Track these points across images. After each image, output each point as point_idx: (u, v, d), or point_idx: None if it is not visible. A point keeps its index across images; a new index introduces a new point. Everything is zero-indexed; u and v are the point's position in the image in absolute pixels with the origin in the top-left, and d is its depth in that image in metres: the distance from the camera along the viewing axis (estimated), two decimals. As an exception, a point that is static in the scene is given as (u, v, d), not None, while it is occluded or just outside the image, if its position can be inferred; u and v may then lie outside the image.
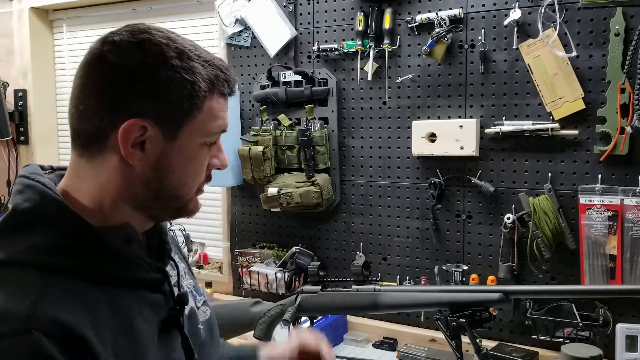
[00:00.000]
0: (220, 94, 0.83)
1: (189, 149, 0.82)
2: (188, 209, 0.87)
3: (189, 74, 0.78)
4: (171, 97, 0.78)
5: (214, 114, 0.82)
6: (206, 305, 1.02)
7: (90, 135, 0.79)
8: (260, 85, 2.27)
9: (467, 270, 1.94)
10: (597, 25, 1.73)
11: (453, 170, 1.97)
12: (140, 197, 0.82)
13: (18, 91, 2.93)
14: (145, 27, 0.80)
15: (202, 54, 0.81)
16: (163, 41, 0.78)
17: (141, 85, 0.77)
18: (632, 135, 1.68)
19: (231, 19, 2.29)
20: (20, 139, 2.97)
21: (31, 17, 2.91)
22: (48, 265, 0.74)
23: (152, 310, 0.83)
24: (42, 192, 0.78)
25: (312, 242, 2.27)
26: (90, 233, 0.77)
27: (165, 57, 0.77)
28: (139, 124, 0.77)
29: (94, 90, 0.78)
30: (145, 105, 0.77)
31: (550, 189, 1.81)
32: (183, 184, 0.83)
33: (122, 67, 0.77)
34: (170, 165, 0.81)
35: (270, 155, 2.19)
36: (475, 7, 1.89)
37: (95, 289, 0.76)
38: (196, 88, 0.79)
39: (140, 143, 0.78)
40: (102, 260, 0.78)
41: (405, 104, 2.04)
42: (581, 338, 1.74)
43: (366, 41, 2.04)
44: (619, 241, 1.70)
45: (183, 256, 1.09)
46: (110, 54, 0.78)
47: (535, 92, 1.81)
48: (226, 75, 0.83)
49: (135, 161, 0.78)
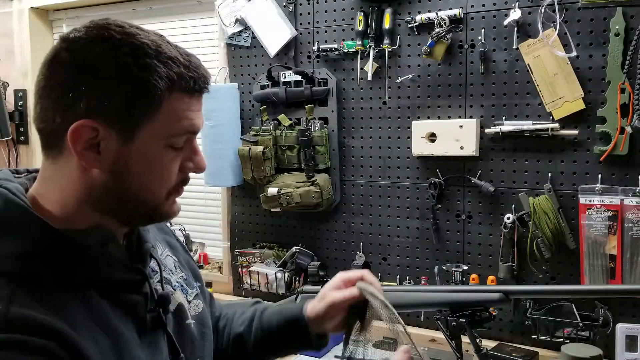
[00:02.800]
0: (183, 92, 0.77)
1: (150, 151, 0.77)
2: (160, 213, 0.83)
3: (142, 71, 0.73)
4: (123, 97, 0.73)
5: (176, 113, 0.77)
6: (199, 297, 0.99)
7: (48, 136, 0.77)
8: (260, 85, 2.27)
9: (467, 270, 1.94)
10: (597, 25, 1.73)
11: (453, 170, 1.97)
12: (104, 202, 0.78)
13: (18, 91, 2.93)
14: (104, 22, 0.76)
15: (163, 50, 0.76)
16: (118, 37, 0.74)
17: (91, 84, 0.73)
18: (632, 135, 1.68)
19: (231, 19, 2.29)
20: (20, 139, 2.97)
21: (31, 17, 2.91)
22: (15, 272, 0.73)
23: (128, 312, 0.81)
24: (6, 199, 0.75)
25: (312, 242, 2.27)
26: (56, 237, 0.75)
27: (117, 55, 0.73)
28: (89, 125, 0.73)
29: (47, 90, 0.76)
30: (95, 105, 0.73)
31: (550, 189, 1.81)
32: (146, 189, 0.79)
33: (73, 65, 0.74)
34: (128, 169, 0.77)
35: (270, 155, 2.19)
36: (475, 7, 1.89)
37: (66, 294, 0.74)
38: (150, 86, 0.74)
39: (95, 145, 0.75)
40: (72, 264, 0.76)
41: (405, 104, 2.04)
42: (581, 338, 1.74)
43: (366, 41, 2.03)
44: (619, 241, 1.70)
45: (183, 247, 1.06)
46: (63, 52, 0.75)
47: (535, 92, 1.81)
48: (193, 72, 0.78)
49: (90, 164, 0.75)
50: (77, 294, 0.75)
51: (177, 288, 0.95)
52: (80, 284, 0.76)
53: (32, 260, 0.74)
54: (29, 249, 0.74)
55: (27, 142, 2.97)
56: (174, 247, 1.04)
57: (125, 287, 0.83)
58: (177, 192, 0.84)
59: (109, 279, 0.80)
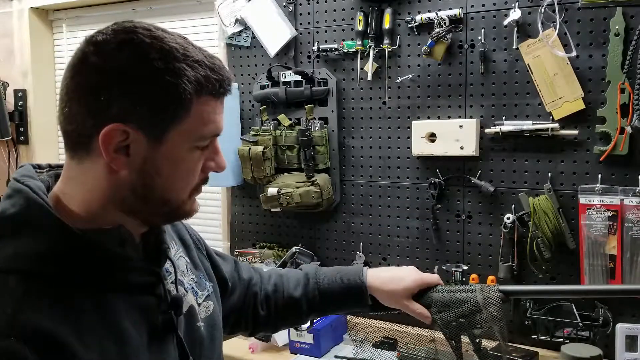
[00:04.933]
0: (210, 95, 0.79)
1: (178, 153, 0.79)
2: (182, 212, 0.85)
3: (172, 76, 0.75)
4: (154, 101, 0.75)
5: (204, 117, 0.79)
6: (209, 299, 1.00)
7: (76, 138, 0.78)
8: (260, 85, 2.27)
9: (467, 270, 1.95)
10: (597, 25, 1.73)
11: (453, 170, 1.97)
12: (128, 202, 0.80)
13: (18, 91, 2.93)
14: (131, 25, 0.77)
15: (190, 54, 0.77)
16: (147, 41, 0.75)
17: (122, 89, 0.74)
18: (632, 135, 1.68)
19: (231, 19, 2.29)
20: (20, 139, 2.97)
21: (31, 17, 2.91)
22: (31, 271, 0.73)
23: (142, 314, 0.82)
24: (28, 197, 0.76)
25: (312, 242, 2.27)
26: (73, 239, 0.76)
27: (148, 59, 0.74)
28: (120, 128, 0.74)
29: (77, 93, 0.76)
30: (127, 109, 0.74)
31: (550, 189, 1.81)
32: (172, 189, 0.81)
33: (103, 69, 0.75)
34: (156, 170, 0.78)
35: (270, 155, 2.19)
36: (475, 7, 1.89)
37: (80, 295, 0.75)
38: (180, 90, 0.75)
39: (125, 148, 0.76)
40: (88, 265, 0.76)
41: (405, 104, 2.04)
42: (581, 338, 1.74)
43: (366, 41, 2.03)
44: (619, 241, 1.70)
45: (196, 244, 1.06)
46: (92, 55, 0.75)
47: (535, 92, 1.81)
48: (218, 75, 0.79)
49: (119, 166, 0.76)
50: (90, 296, 0.76)
51: (189, 290, 0.96)
52: (95, 285, 0.77)
53: (48, 260, 0.74)
54: (46, 249, 0.75)
55: (27, 142, 2.97)
56: (188, 246, 1.04)
57: (139, 289, 0.83)
58: (198, 191, 0.86)
59: (125, 280, 0.81)
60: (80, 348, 0.71)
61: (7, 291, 0.71)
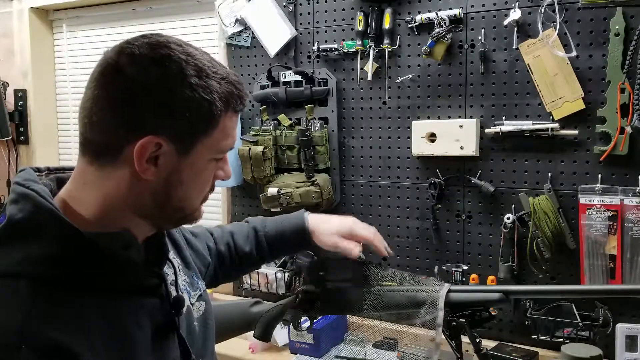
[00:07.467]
0: (233, 111, 0.83)
1: (199, 164, 0.82)
2: (192, 218, 0.89)
3: (207, 92, 0.78)
4: (189, 116, 0.78)
5: (226, 132, 0.83)
6: (201, 299, 1.02)
7: (103, 146, 0.79)
8: (260, 85, 2.27)
9: (467, 270, 1.94)
10: (597, 25, 1.73)
11: (453, 170, 1.97)
12: (147, 208, 0.82)
13: (18, 91, 2.93)
14: (164, 40, 0.80)
15: (218, 71, 0.81)
16: (183, 57, 0.78)
17: (159, 103, 0.77)
18: (632, 135, 1.68)
19: (231, 19, 2.29)
20: (20, 139, 2.97)
21: (31, 17, 2.91)
22: (40, 276, 0.74)
23: (147, 315, 0.84)
24: (36, 202, 0.76)
25: (312, 242, 2.26)
26: (83, 242, 0.76)
27: (185, 75, 0.77)
28: (155, 140, 0.77)
29: (109, 103, 0.77)
30: (163, 122, 0.77)
31: (550, 189, 1.81)
32: (189, 197, 0.85)
33: (140, 83, 0.76)
34: (180, 180, 0.82)
35: (270, 155, 2.19)
36: (475, 7, 1.89)
37: (88, 298, 0.76)
38: (213, 108, 0.79)
39: (154, 158, 0.78)
40: (96, 269, 0.77)
41: (405, 104, 2.04)
42: (581, 338, 1.74)
43: (366, 41, 2.03)
44: (619, 241, 1.70)
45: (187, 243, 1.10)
46: (128, 67, 0.77)
47: (535, 92, 1.81)
48: (239, 92, 0.83)
49: (147, 175, 0.79)
50: (97, 299, 0.77)
51: (183, 291, 0.98)
52: (101, 288, 0.78)
53: (56, 265, 0.75)
54: (54, 253, 0.75)
55: (27, 142, 2.97)
56: (179, 246, 1.07)
57: (144, 290, 0.85)
58: (206, 199, 0.90)
59: (131, 282, 0.82)
60: (89, 355, 0.72)
61: (17, 296, 0.72)
